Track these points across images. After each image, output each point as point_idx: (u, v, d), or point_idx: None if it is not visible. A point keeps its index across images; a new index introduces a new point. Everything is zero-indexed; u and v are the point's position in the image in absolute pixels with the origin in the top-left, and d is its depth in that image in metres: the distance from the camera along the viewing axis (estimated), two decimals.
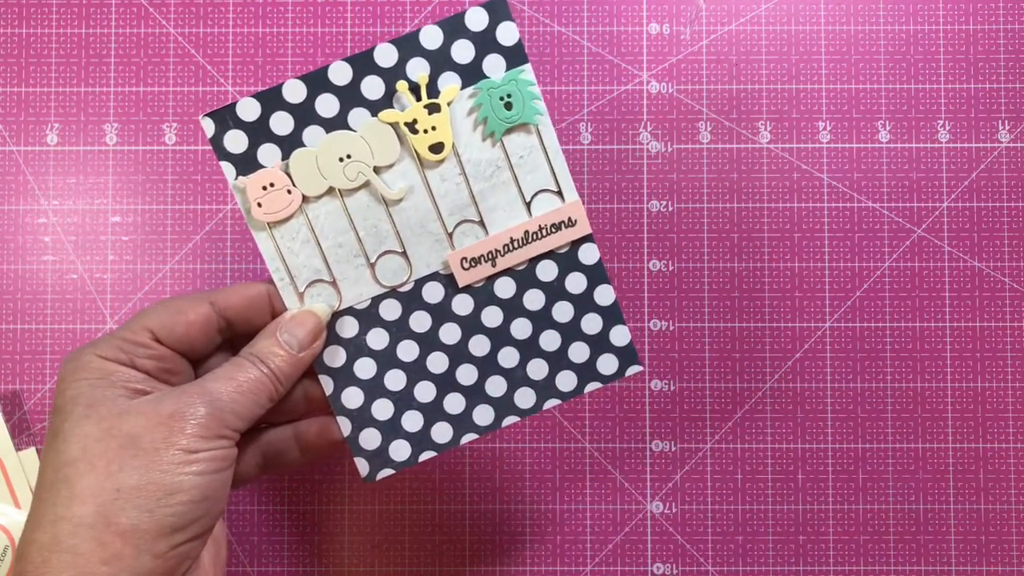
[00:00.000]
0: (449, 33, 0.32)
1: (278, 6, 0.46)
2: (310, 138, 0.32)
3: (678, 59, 0.46)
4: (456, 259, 0.33)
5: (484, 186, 0.33)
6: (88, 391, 0.29)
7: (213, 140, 0.32)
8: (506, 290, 0.34)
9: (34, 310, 0.45)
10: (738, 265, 0.45)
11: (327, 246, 0.33)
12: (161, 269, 0.45)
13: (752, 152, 0.45)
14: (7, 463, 0.43)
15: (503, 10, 0.32)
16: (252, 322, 0.33)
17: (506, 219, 0.33)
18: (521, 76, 0.32)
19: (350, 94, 0.32)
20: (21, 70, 0.45)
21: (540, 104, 0.33)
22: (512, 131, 0.33)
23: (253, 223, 0.33)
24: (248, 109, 0.32)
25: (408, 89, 0.32)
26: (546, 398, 0.35)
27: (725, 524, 0.44)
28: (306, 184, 0.32)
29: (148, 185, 0.45)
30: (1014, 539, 0.44)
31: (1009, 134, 0.45)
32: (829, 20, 0.46)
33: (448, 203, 0.33)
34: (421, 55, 0.32)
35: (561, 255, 0.34)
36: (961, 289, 0.45)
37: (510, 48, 0.32)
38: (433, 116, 0.32)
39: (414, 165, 0.33)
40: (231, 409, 0.30)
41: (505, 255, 0.33)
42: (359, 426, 0.34)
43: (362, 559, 0.44)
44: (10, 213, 0.45)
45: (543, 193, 0.33)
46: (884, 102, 0.45)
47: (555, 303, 0.34)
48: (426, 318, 0.34)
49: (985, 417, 0.44)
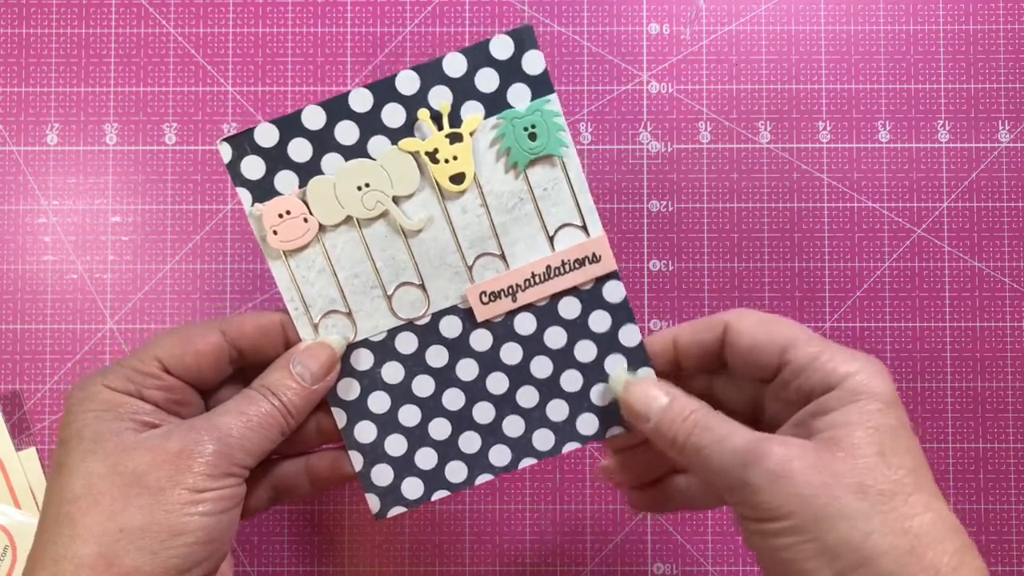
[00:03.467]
0: (473, 61, 0.31)
1: (278, 6, 0.46)
2: (328, 166, 0.32)
3: (678, 59, 0.46)
4: (475, 293, 0.32)
5: (506, 218, 0.32)
6: (94, 424, 0.28)
7: (230, 166, 0.31)
8: (526, 327, 0.33)
9: (34, 310, 0.45)
10: (738, 265, 0.45)
11: (343, 276, 0.32)
12: (161, 269, 0.45)
13: (752, 152, 0.45)
14: (7, 463, 0.43)
15: (530, 38, 0.31)
16: (264, 352, 0.32)
17: (528, 253, 0.32)
18: (547, 107, 0.31)
19: (370, 122, 0.31)
20: (21, 70, 0.45)
21: (566, 136, 0.32)
22: (536, 163, 0.32)
23: (269, 251, 0.32)
24: (266, 135, 0.31)
25: (430, 118, 0.31)
26: (565, 441, 0.33)
27: (725, 524, 0.44)
28: (323, 213, 0.32)
29: (148, 185, 0.45)
30: (1014, 539, 0.44)
31: (1009, 134, 0.45)
32: (829, 20, 0.46)
33: (468, 235, 0.32)
34: (443, 83, 0.31)
35: (585, 292, 0.33)
36: (961, 289, 0.45)
37: (536, 77, 0.31)
38: (455, 146, 0.31)
39: (434, 196, 0.32)
40: (240, 445, 0.29)
41: (526, 290, 0.32)
42: (371, 461, 0.33)
43: (362, 559, 0.44)
44: (10, 213, 0.45)
45: (567, 227, 0.32)
46: (884, 102, 0.45)
47: (577, 342, 0.33)
48: (443, 353, 0.33)
49: (985, 417, 0.44)
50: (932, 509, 0.26)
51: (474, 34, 0.45)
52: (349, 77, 0.45)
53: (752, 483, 0.27)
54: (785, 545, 0.26)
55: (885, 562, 0.25)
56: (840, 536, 0.25)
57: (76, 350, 0.45)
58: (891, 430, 0.27)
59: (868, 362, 0.28)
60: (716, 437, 0.28)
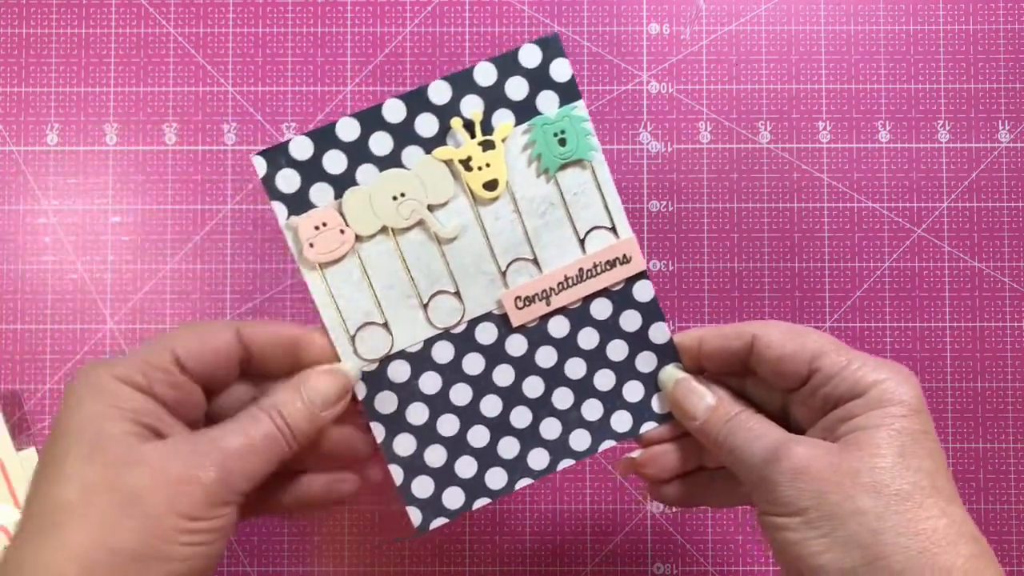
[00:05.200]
0: (503, 70, 0.32)
1: (278, 6, 0.46)
2: (363, 177, 0.32)
3: (678, 59, 0.46)
4: (510, 298, 0.32)
5: (538, 223, 0.33)
6: (95, 424, 0.27)
7: (265, 179, 0.31)
8: (560, 329, 0.33)
9: (34, 310, 0.45)
10: (738, 265, 0.45)
11: (379, 287, 0.32)
12: (161, 269, 0.45)
13: (752, 152, 0.45)
14: (7, 463, 0.43)
15: (556, 47, 0.32)
16: (272, 364, 0.32)
17: (560, 257, 0.33)
18: (574, 112, 0.32)
19: (404, 132, 0.32)
20: (21, 70, 0.45)
21: (594, 140, 0.33)
22: (566, 167, 0.33)
23: (305, 264, 0.32)
24: (301, 148, 0.31)
25: (462, 126, 0.32)
26: (601, 439, 0.34)
27: (725, 524, 0.44)
28: (359, 223, 0.32)
29: (148, 185, 0.45)
30: (1014, 539, 0.44)
31: (1009, 134, 0.45)
32: (829, 20, 0.46)
33: (502, 241, 0.33)
34: (475, 92, 0.32)
35: (615, 292, 0.33)
36: (961, 289, 0.45)
37: (563, 84, 0.32)
38: (487, 153, 0.32)
39: (468, 203, 0.32)
40: (240, 470, 0.28)
41: (560, 293, 0.33)
42: (411, 474, 0.33)
43: (362, 559, 0.44)
44: (10, 213, 0.45)
45: (597, 230, 0.33)
46: (884, 102, 0.45)
47: (609, 341, 0.33)
48: (479, 360, 0.33)
49: (985, 417, 0.44)
50: (948, 514, 0.26)
51: (474, 34, 0.45)
52: (349, 77, 0.45)
53: (772, 479, 0.28)
54: (798, 540, 0.27)
55: (895, 561, 0.25)
56: (851, 533, 0.26)
57: (76, 350, 0.45)
58: (913, 434, 0.27)
59: (896, 370, 0.29)
60: (750, 437, 0.29)
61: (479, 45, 0.45)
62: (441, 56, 0.45)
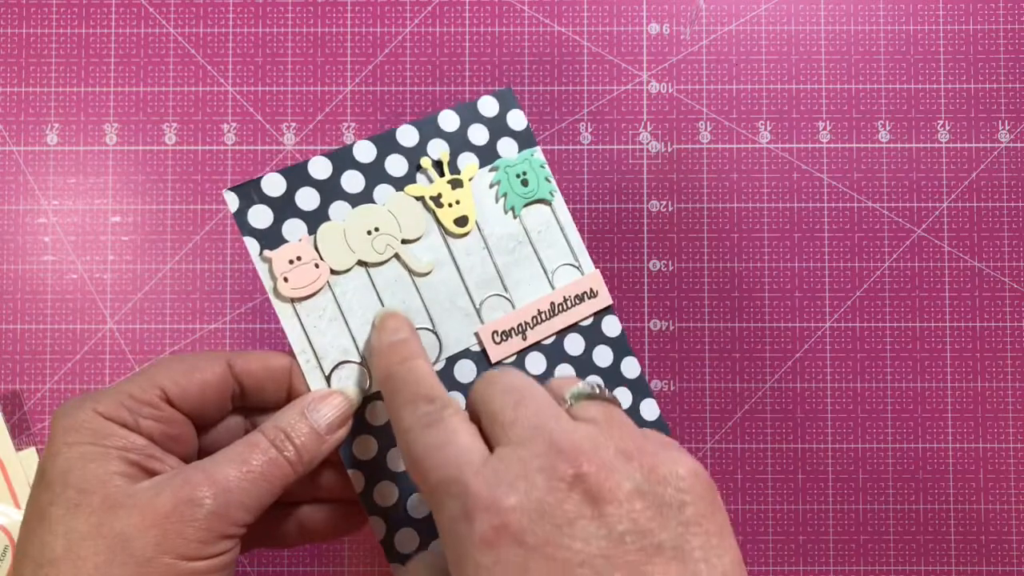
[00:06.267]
0: (464, 117, 0.34)
1: (278, 6, 0.46)
2: (336, 213, 0.32)
3: (678, 59, 0.46)
4: (488, 332, 0.33)
5: (507, 260, 0.34)
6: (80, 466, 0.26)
7: (237, 215, 0.31)
8: (537, 366, 0.33)
9: (34, 310, 0.45)
10: (738, 265, 0.45)
11: (355, 323, 0.32)
12: (161, 269, 0.45)
13: (752, 152, 0.45)
14: (7, 463, 0.43)
15: (510, 100, 0.34)
16: (266, 395, 0.30)
17: (531, 292, 0.34)
18: (533, 157, 0.34)
19: (375, 171, 0.33)
20: (21, 70, 0.45)
21: (552, 183, 0.34)
22: (530, 207, 0.34)
23: (279, 298, 0.31)
24: (273, 184, 0.31)
25: (431, 165, 0.33)
26: None
27: None
28: (334, 258, 0.32)
29: (148, 185, 0.45)
30: (1014, 539, 0.44)
31: (1009, 134, 0.45)
32: (829, 20, 0.46)
33: (475, 277, 0.33)
34: (440, 136, 0.33)
35: (586, 328, 0.34)
36: (961, 289, 0.45)
37: (520, 132, 0.35)
38: (456, 191, 0.33)
39: (441, 239, 0.33)
40: (239, 501, 0.26)
41: (535, 327, 0.33)
42: (394, 526, 0.31)
43: (362, 559, 0.44)
44: (10, 213, 0.45)
45: (563, 267, 0.34)
46: (884, 102, 0.45)
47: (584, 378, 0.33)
48: (459, 399, 0.32)
49: (985, 417, 0.44)
50: None
51: (474, 34, 0.45)
52: (349, 77, 0.45)
53: None
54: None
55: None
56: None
57: (76, 350, 0.45)
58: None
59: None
60: None
61: (479, 45, 0.45)
62: (441, 56, 0.45)
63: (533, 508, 0.22)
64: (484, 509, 0.23)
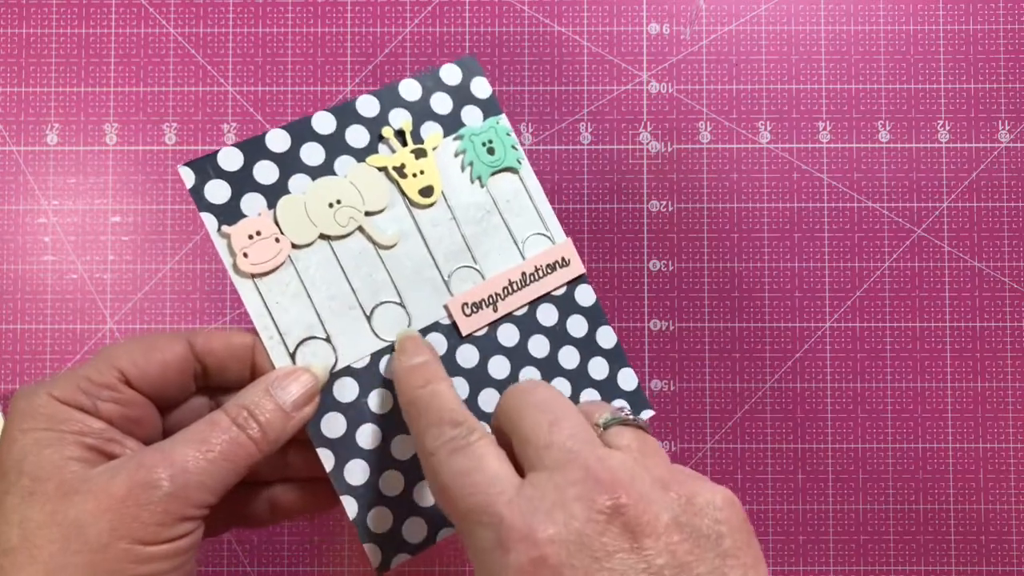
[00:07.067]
0: (427, 86, 0.33)
1: (278, 6, 0.46)
2: (296, 186, 0.31)
3: (678, 59, 0.46)
4: (457, 305, 0.32)
5: (475, 230, 0.33)
6: (35, 453, 0.25)
7: (193, 190, 0.30)
8: (510, 338, 0.33)
9: (34, 310, 0.45)
10: (738, 265, 0.45)
11: (319, 299, 0.31)
12: (161, 269, 0.45)
13: (752, 152, 0.45)
14: None
15: (474, 67, 0.33)
16: (229, 375, 0.30)
17: (501, 263, 0.33)
18: (499, 124, 0.33)
19: (335, 142, 0.32)
20: (21, 70, 0.45)
21: (520, 151, 0.33)
22: (497, 175, 0.33)
23: (239, 275, 0.30)
24: (230, 158, 0.31)
25: (394, 135, 0.32)
26: None
27: None
28: (295, 232, 0.31)
29: (148, 185, 0.45)
30: (1014, 539, 0.44)
31: (1009, 134, 0.45)
32: (829, 20, 0.46)
33: (443, 249, 0.32)
34: (402, 106, 0.33)
35: (559, 298, 0.33)
36: (961, 289, 0.45)
37: (485, 100, 0.34)
38: (420, 160, 0.32)
39: (405, 210, 0.32)
40: (199, 482, 0.25)
41: (505, 299, 0.32)
42: (366, 505, 0.30)
43: (362, 559, 0.44)
44: (10, 213, 0.45)
45: (534, 236, 0.33)
46: (884, 102, 0.45)
47: (560, 348, 0.33)
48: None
49: (985, 417, 0.44)
50: None
51: (474, 34, 0.45)
52: (349, 77, 0.45)
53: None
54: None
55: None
56: None
57: (76, 350, 0.45)
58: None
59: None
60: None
61: (479, 45, 0.45)
62: (441, 56, 0.45)
63: (572, 540, 0.22)
64: (520, 540, 0.22)
